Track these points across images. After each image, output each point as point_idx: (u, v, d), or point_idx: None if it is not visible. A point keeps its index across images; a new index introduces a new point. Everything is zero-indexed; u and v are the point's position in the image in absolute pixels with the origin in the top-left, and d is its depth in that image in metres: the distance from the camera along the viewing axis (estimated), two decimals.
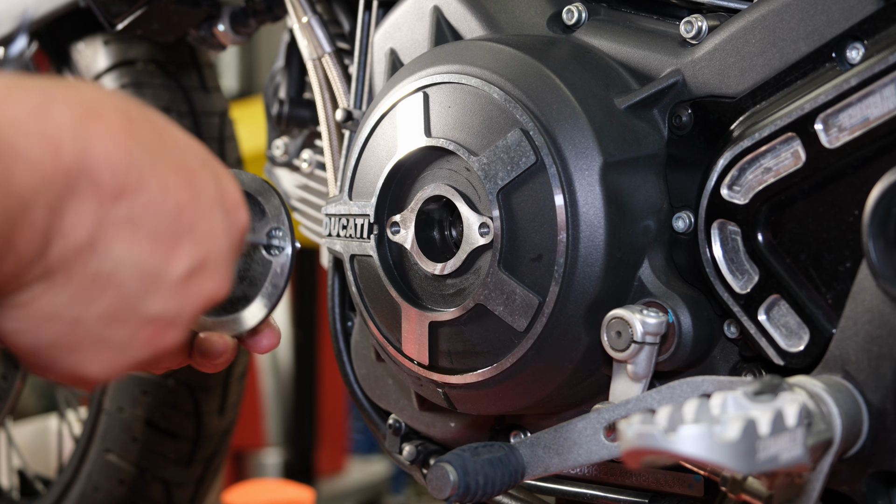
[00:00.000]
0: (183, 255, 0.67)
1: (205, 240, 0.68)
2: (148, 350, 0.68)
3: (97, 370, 0.67)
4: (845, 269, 0.87)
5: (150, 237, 0.65)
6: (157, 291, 0.66)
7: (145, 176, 0.64)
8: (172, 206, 0.66)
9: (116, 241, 0.64)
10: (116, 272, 0.64)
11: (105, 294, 0.64)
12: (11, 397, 1.76)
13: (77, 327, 0.65)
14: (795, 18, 0.91)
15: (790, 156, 0.89)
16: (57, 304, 0.63)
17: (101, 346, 0.66)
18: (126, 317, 0.66)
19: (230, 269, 0.71)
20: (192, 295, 0.68)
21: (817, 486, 0.81)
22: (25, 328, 0.64)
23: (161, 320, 0.67)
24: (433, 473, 0.92)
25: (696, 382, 0.87)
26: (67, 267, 0.62)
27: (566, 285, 0.95)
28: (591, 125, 0.96)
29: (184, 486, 1.67)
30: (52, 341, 0.65)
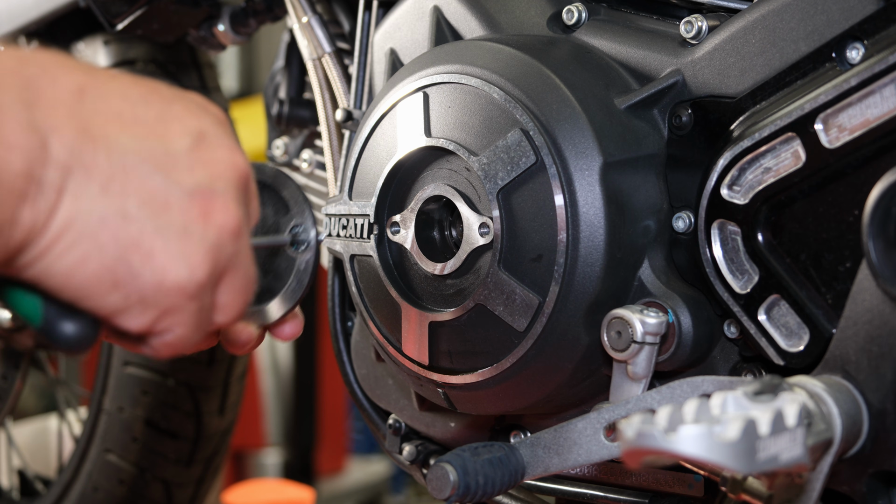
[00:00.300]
0: (176, 132, 0.66)
1: (187, 116, 0.67)
2: (211, 229, 0.66)
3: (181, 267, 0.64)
4: (845, 269, 0.87)
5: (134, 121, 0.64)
6: (176, 166, 0.65)
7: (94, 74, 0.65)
8: (136, 94, 0.66)
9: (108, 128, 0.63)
10: (128, 157, 0.63)
11: (132, 180, 0.63)
12: (11, 397, 1.76)
13: (129, 221, 0.63)
14: (795, 18, 0.91)
15: (790, 156, 0.89)
16: (95, 204, 0.62)
17: (164, 236, 0.64)
18: (166, 198, 0.64)
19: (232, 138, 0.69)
20: (213, 163, 0.67)
21: (817, 486, 0.81)
22: (85, 250, 0.61)
23: (201, 192, 0.66)
24: (433, 473, 0.92)
25: (696, 382, 0.87)
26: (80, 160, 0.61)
27: (566, 285, 0.95)
28: (591, 125, 0.96)
29: (184, 486, 1.67)
30: (116, 249, 0.62)
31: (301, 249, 0.89)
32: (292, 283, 0.88)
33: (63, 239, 0.61)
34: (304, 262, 0.89)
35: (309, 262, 0.89)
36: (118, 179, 0.62)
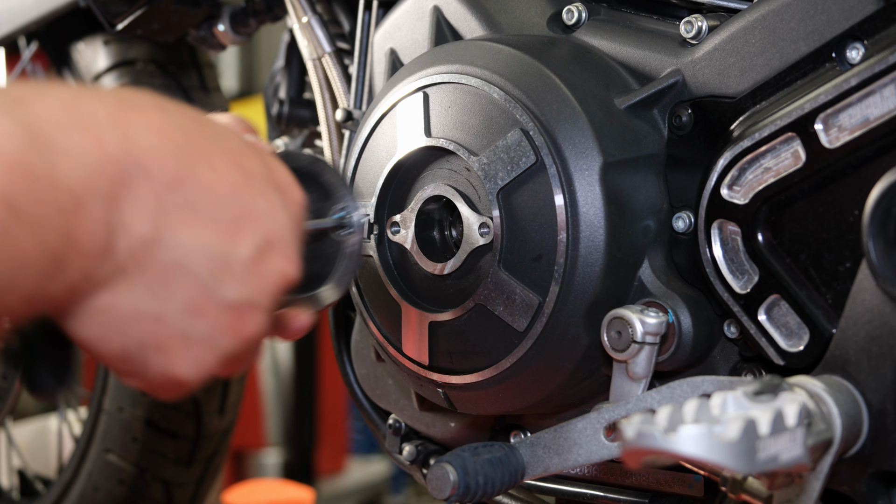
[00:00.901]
0: (247, 236, 0.66)
1: (265, 219, 0.68)
2: (234, 339, 0.67)
3: (188, 369, 0.67)
4: (845, 269, 0.87)
5: (211, 222, 0.64)
6: (230, 276, 0.66)
7: (194, 162, 0.64)
8: (227, 189, 0.66)
9: (180, 229, 0.63)
10: (187, 260, 0.64)
11: (180, 285, 0.64)
12: (11, 397, 1.76)
13: (160, 324, 0.64)
14: (795, 18, 0.91)
15: (790, 156, 0.89)
16: (136, 302, 0.63)
17: (187, 341, 0.65)
18: (206, 306, 0.65)
19: (296, 246, 0.70)
20: (265, 275, 0.68)
21: (817, 486, 0.81)
22: (111, 333, 0.63)
23: (240, 305, 0.67)
24: (433, 473, 0.92)
25: (696, 382, 0.87)
26: (138, 261, 0.62)
27: (566, 285, 0.95)
28: (591, 125, 0.96)
29: (184, 486, 1.67)
30: (138, 342, 0.64)
31: (347, 233, 0.90)
32: (342, 268, 0.90)
33: (94, 316, 0.63)
34: (352, 244, 0.90)
35: (356, 245, 0.90)
36: (166, 284, 0.64)
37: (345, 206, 0.90)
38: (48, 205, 0.56)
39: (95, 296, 0.62)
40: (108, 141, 0.60)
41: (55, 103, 0.59)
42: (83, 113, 0.59)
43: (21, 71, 1.69)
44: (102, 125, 0.60)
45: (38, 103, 0.58)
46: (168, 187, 0.63)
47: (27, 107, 0.57)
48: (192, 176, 0.64)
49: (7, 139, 0.55)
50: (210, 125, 0.68)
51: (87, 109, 0.60)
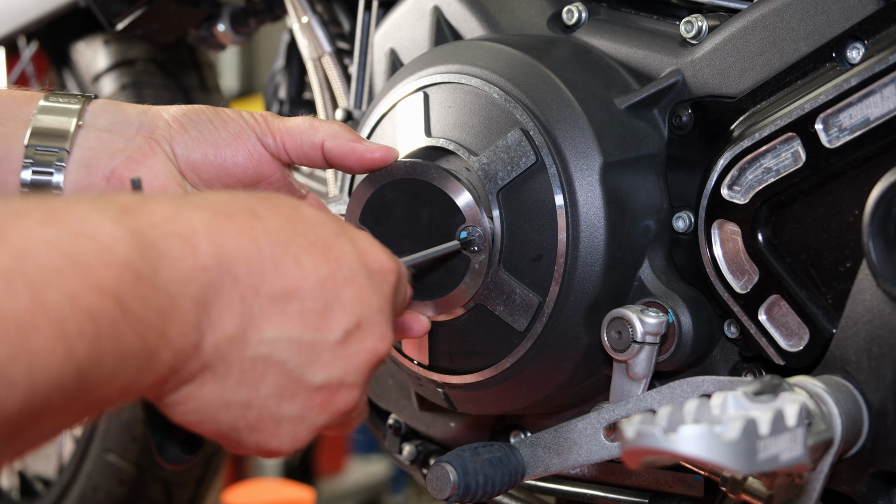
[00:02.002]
0: (335, 323, 0.70)
1: (353, 304, 0.71)
2: (325, 416, 0.72)
3: (283, 444, 0.71)
4: (845, 269, 0.87)
5: (298, 315, 0.69)
6: (317, 361, 0.70)
7: (280, 262, 0.68)
8: (314, 282, 0.70)
9: (267, 326, 0.67)
10: (273, 353, 0.68)
11: (268, 375, 0.68)
12: None
13: (250, 409, 0.68)
14: (796, 18, 0.91)
15: (790, 156, 0.89)
16: (224, 393, 0.67)
17: (278, 422, 0.70)
18: (294, 391, 0.70)
19: (388, 323, 0.74)
20: (354, 356, 0.72)
21: (817, 487, 0.81)
22: (203, 418, 0.68)
23: (329, 386, 0.71)
24: (433, 473, 0.92)
25: (697, 382, 0.87)
26: (224, 357, 0.66)
27: (566, 285, 0.95)
28: (591, 125, 0.96)
29: (184, 486, 1.67)
30: (231, 425, 0.69)
31: (474, 251, 0.96)
32: (466, 282, 0.96)
33: (185, 405, 0.67)
34: (479, 262, 0.95)
35: (483, 263, 0.95)
36: (255, 375, 0.68)
37: (469, 226, 0.95)
38: (149, 304, 0.60)
39: (184, 387, 0.66)
40: (201, 250, 0.64)
41: (159, 213, 0.63)
42: (181, 223, 0.64)
43: (21, 71, 1.69)
44: (197, 235, 0.64)
45: (145, 212, 0.63)
46: (253, 290, 0.67)
47: (135, 215, 0.62)
48: (278, 275, 0.68)
49: (120, 243, 0.59)
50: (301, 218, 0.71)
51: (185, 220, 0.64)
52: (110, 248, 0.59)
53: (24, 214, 0.57)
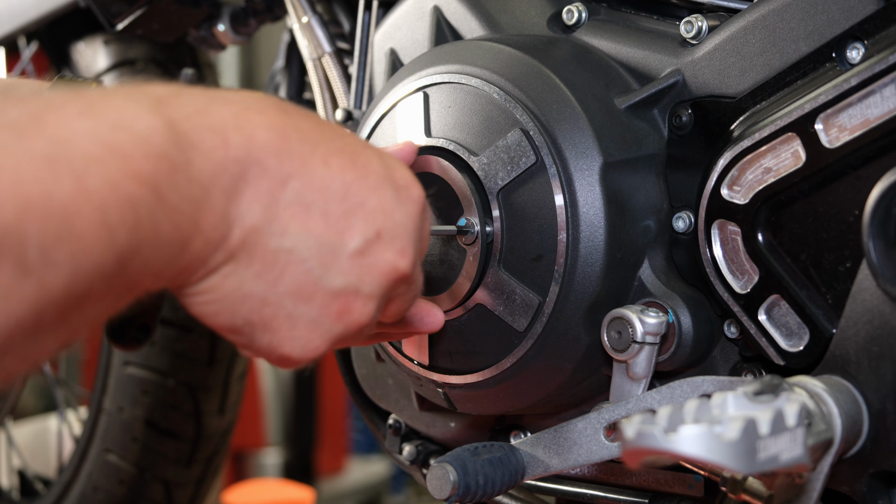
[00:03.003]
0: (356, 231, 0.71)
1: (375, 214, 0.72)
2: (340, 325, 0.72)
3: (295, 349, 0.72)
4: (845, 269, 0.87)
5: (321, 215, 0.69)
6: (335, 265, 0.71)
7: (308, 160, 0.69)
8: (339, 185, 0.70)
9: (291, 221, 0.68)
10: (295, 249, 0.69)
11: (288, 271, 0.69)
12: (11, 397, 1.76)
13: (267, 305, 0.69)
14: (796, 18, 0.91)
15: (790, 156, 0.89)
16: (244, 284, 0.68)
17: (293, 323, 0.70)
18: (312, 292, 0.70)
19: (411, 242, 0.75)
20: (371, 267, 0.72)
21: (817, 487, 0.81)
22: (221, 310, 0.69)
23: (345, 293, 0.71)
24: (433, 473, 0.92)
25: (696, 382, 0.87)
26: (248, 248, 0.67)
27: (566, 285, 0.95)
28: (592, 125, 0.96)
29: (184, 486, 1.67)
30: (246, 320, 0.69)
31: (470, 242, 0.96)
32: (464, 275, 0.96)
33: (205, 295, 0.68)
34: (474, 254, 0.95)
35: (477, 255, 0.95)
36: (275, 270, 0.69)
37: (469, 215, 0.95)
38: (184, 195, 0.62)
39: (208, 278, 0.67)
40: (232, 142, 0.65)
41: (191, 105, 0.64)
42: (213, 116, 0.65)
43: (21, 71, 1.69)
44: (228, 127, 0.65)
45: (178, 104, 0.64)
46: (281, 183, 0.68)
47: (169, 107, 0.63)
48: (305, 172, 0.69)
49: (156, 134, 0.60)
50: (331, 126, 0.73)
51: (217, 112, 0.65)
52: (147, 138, 0.60)
53: (62, 107, 0.58)
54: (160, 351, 1.59)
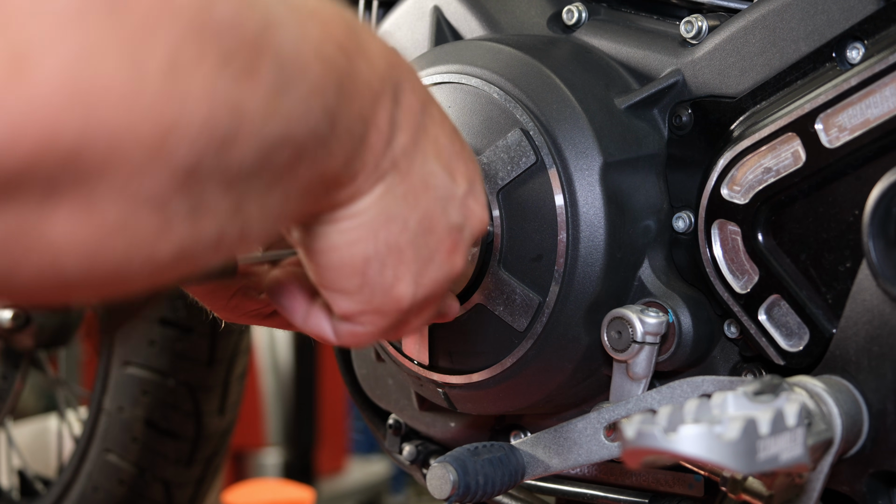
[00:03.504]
0: (462, 174, 0.72)
1: (471, 163, 0.74)
2: (448, 265, 0.72)
3: (408, 287, 0.70)
4: (845, 269, 0.87)
5: (444, 150, 0.70)
6: (452, 202, 0.71)
7: (431, 96, 0.70)
8: (450, 128, 0.72)
9: (428, 147, 0.69)
10: (431, 176, 0.69)
11: (423, 197, 0.69)
12: (11, 397, 1.76)
13: (405, 231, 0.68)
14: (796, 18, 0.91)
15: (790, 156, 0.89)
16: (391, 206, 0.67)
17: (417, 254, 0.69)
18: (435, 223, 0.70)
19: (486, 204, 0.76)
20: (471, 212, 0.73)
21: (817, 486, 0.81)
22: (363, 236, 0.66)
23: (457, 230, 0.72)
24: (433, 473, 0.92)
25: (696, 382, 0.87)
26: (400, 166, 0.66)
27: (566, 285, 0.95)
28: (592, 125, 0.96)
29: (184, 486, 1.67)
30: (384, 247, 0.67)
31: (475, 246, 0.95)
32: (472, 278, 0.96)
33: (353, 218, 0.66)
34: (471, 254, 0.95)
35: (475, 255, 0.96)
36: (418, 193, 0.68)
37: None
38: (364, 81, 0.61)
39: (360, 199, 0.65)
40: (389, 54, 0.66)
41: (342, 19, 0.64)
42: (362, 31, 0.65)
43: None
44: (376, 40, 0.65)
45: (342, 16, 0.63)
46: (423, 106, 0.68)
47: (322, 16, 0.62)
48: (432, 105, 0.70)
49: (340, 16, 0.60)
50: None
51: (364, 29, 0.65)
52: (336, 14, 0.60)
53: None
54: (160, 351, 1.59)
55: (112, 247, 0.49)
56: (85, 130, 0.45)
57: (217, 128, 0.50)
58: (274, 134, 0.53)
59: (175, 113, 0.48)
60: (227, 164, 0.51)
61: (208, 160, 0.50)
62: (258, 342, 3.60)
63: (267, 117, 0.53)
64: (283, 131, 0.54)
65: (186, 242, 0.52)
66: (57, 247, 0.47)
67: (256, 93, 0.52)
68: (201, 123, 0.49)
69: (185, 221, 0.51)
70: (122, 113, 0.46)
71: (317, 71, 0.56)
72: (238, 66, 0.51)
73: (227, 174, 0.52)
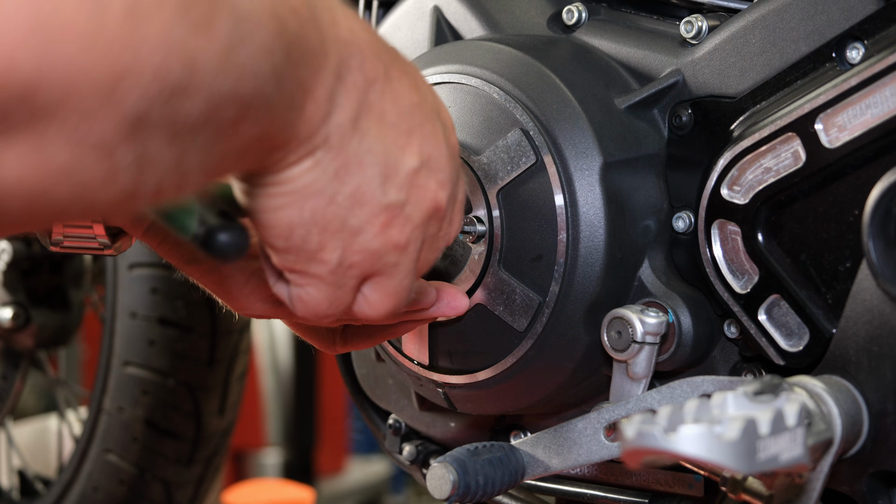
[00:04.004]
0: (413, 150, 0.72)
1: (429, 139, 0.73)
2: (380, 239, 0.72)
3: (333, 253, 0.71)
4: (845, 268, 0.87)
5: (392, 128, 0.70)
6: (392, 180, 0.71)
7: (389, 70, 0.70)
8: (406, 102, 0.71)
9: (370, 125, 0.68)
10: (368, 155, 0.69)
11: (356, 174, 0.69)
12: (11, 397, 1.76)
13: (332, 204, 0.69)
14: (796, 18, 0.91)
15: (790, 156, 0.89)
16: (320, 180, 0.67)
17: (342, 225, 0.70)
18: (367, 199, 0.70)
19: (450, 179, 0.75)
20: (418, 189, 0.73)
21: (817, 486, 0.81)
22: (289, 203, 0.67)
23: (393, 208, 0.72)
24: (433, 473, 0.92)
25: (696, 382, 0.88)
26: (333, 143, 0.67)
27: (566, 285, 0.95)
28: (592, 125, 0.96)
29: (184, 486, 1.67)
30: (307, 218, 0.68)
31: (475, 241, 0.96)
32: (466, 272, 0.97)
33: (281, 185, 0.67)
34: (479, 253, 0.96)
35: (482, 255, 0.96)
36: (350, 170, 0.68)
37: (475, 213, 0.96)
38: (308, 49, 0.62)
39: (290, 169, 0.66)
40: (342, 24, 0.66)
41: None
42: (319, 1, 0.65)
43: None
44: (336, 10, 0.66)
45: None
46: (369, 84, 0.68)
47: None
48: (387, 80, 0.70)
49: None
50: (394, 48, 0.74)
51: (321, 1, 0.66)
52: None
53: None
54: (160, 351, 1.59)
55: (57, 192, 0.49)
56: (41, 66, 0.45)
57: (169, 77, 0.50)
58: (224, 89, 0.54)
59: (130, 57, 0.48)
60: (175, 115, 0.52)
61: (157, 110, 0.50)
62: (258, 342, 3.60)
63: (218, 71, 0.53)
64: (232, 87, 0.54)
65: (127, 191, 0.52)
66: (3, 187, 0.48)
67: (211, 45, 0.52)
68: (154, 71, 0.49)
69: (129, 171, 0.51)
70: (79, 52, 0.46)
71: (269, 30, 0.57)
72: (195, 17, 0.51)
73: (173, 126, 0.52)
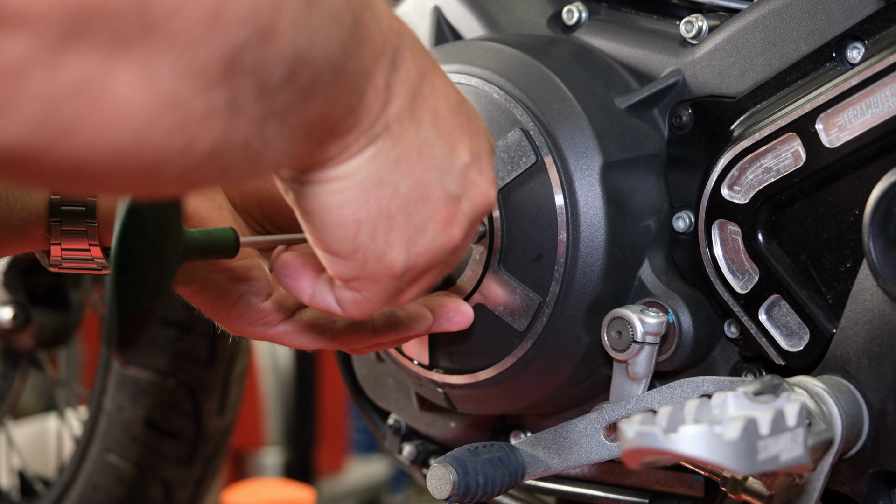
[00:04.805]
0: (465, 145, 0.72)
1: (476, 136, 0.73)
2: (443, 236, 0.71)
3: (400, 254, 0.70)
4: (845, 269, 0.87)
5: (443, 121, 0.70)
6: (449, 173, 0.71)
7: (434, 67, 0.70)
8: (455, 98, 0.72)
9: (425, 116, 0.69)
10: (425, 145, 0.69)
11: (416, 165, 0.68)
12: (11, 397, 1.76)
13: (397, 196, 0.68)
14: (796, 18, 0.91)
15: (790, 156, 0.89)
16: (382, 170, 0.67)
17: (408, 222, 0.69)
18: (430, 192, 0.70)
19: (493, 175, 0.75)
20: (472, 185, 0.73)
21: (818, 487, 0.81)
22: (353, 198, 0.67)
23: (454, 200, 0.71)
24: (433, 473, 0.92)
25: (697, 382, 0.87)
26: (392, 131, 0.66)
27: (566, 285, 0.95)
28: (592, 125, 0.96)
29: (184, 486, 1.67)
30: (375, 211, 0.67)
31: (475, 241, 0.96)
32: (468, 274, 0.97)
33: (344, 179, 0.66)
34: (479, 253, 0.96)
35: (483, 255, 0.96)
36: (410, 159, 0.68)
37: None
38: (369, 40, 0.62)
39: (351, 160, 0.66)
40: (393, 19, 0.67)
41: None
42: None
43: None
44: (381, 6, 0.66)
45: None
46: (422, 76, 0.69)
47: None
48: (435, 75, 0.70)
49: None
50: None
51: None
52: None
53: None
54: (160, 351, 1.59)
55: (162, 122, 0.51)
56: None
57: (260, 17, 0.52)
58: (302, 45, 0.55)
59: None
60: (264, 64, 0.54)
61: (250, 51, 0.53)
62: (258, 342, 3.60)
63: (298, 26, 0.55)
64: (308, 46, 0.56)
65: (219, 140, 0.54)
66: (117, 107, 0.50)
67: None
68: (249, 7, 0.52)
69: (223, 115, 0.53)
70: None
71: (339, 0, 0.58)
72: None
73: (261, 77, 0.54)
